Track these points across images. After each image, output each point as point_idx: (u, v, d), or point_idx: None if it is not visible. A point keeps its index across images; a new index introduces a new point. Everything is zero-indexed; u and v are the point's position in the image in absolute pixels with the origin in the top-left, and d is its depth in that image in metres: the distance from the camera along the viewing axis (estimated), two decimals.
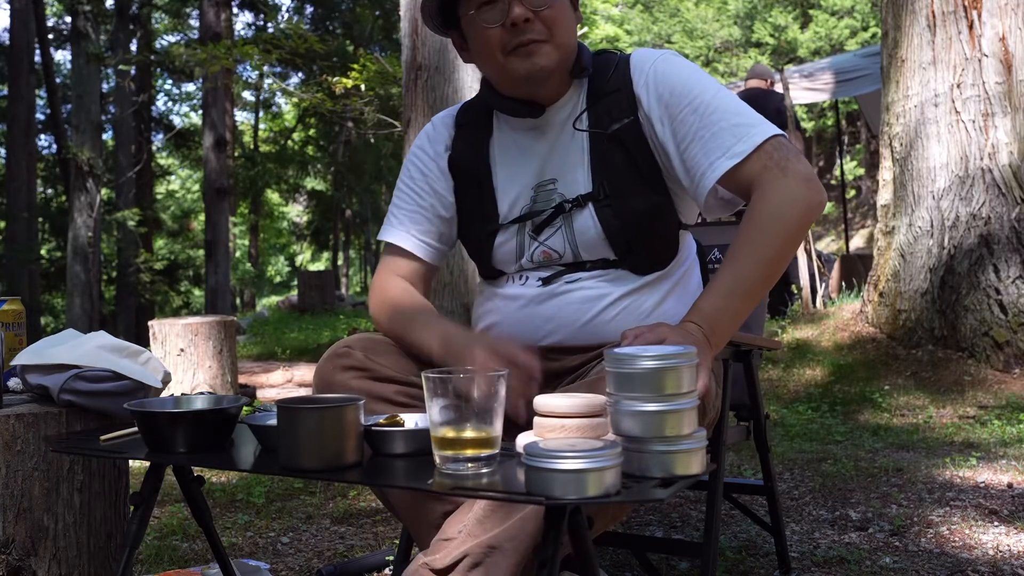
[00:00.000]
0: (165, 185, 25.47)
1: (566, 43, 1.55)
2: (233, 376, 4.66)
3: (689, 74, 1.55)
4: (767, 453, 2.02)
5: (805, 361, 5.03)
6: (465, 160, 1.67)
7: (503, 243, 1.63)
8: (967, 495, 2.68)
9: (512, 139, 1.65)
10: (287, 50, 10.10)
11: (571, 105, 1.61)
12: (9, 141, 14.65)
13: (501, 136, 1.66)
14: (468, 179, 1.67)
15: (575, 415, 1.15)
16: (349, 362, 1.52)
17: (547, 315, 1.58)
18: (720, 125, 1.49)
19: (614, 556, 2.22)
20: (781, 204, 1.43)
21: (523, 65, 1.53)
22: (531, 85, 1.57)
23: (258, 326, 11.90)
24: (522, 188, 1.62)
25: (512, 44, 1.52)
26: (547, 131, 1.62)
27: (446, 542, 1.25)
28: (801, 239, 1.48)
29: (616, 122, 1.56)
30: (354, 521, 2.62)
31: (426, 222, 1.71)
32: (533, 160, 1.62)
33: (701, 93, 1.52)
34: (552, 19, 1.52)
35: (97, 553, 1.62)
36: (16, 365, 1.64)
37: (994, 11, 4.80)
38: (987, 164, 4.74)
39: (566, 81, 1.60)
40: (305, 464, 1.16)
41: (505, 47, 1.53)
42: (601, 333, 1.55)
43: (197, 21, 17.86)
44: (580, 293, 1.57)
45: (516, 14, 1.50)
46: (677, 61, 1.59)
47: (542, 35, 1.52)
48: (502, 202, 1.63)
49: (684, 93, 1.53)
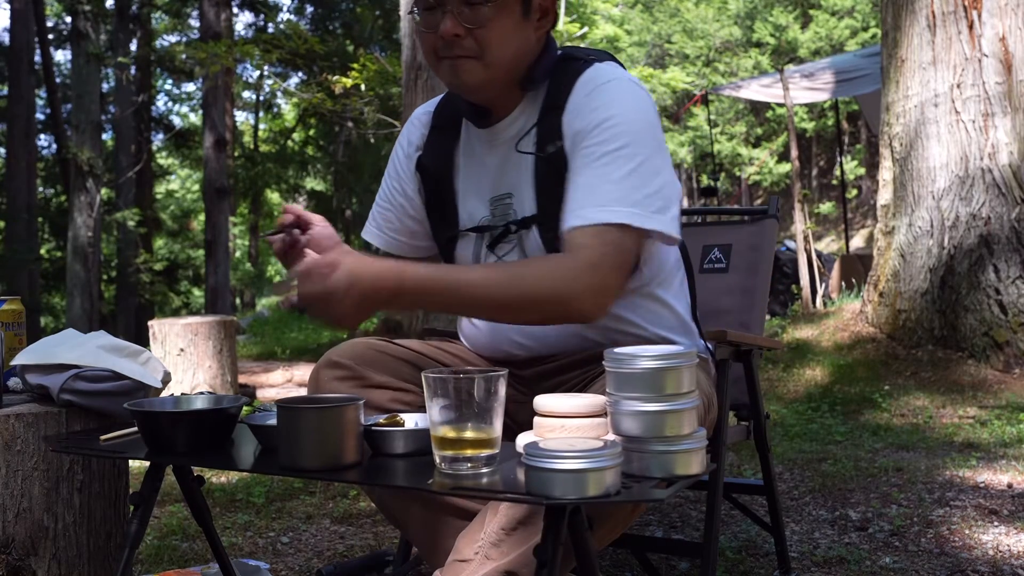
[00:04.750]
0: (165, 185, 25.47)
1: (501, 60, 1.46)
2: (233, 376, 4.66)
3: (609, 116, 1.41)
4: (767, 453, 2.02)
5: (805, 361, 5.02)
6: (430, 162, 1.64)
7: (462, 251, 1.60)
8: (967, 495, 2.67)
9: (473, 146, 1.61)
10: (287, 50, 10.10)
11: (523, 119, 1.53)
12: (9, 141, 14.66)
13: (467, 141, 1.62)
14: (432, 182, 1.64)
15: (575, 415, 1.15)
16: (342, 373, 1.52)
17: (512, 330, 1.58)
18: (589, 180, 1.39)
19: (614, 556, 2.22)
20: (555, 277, 1.34)
21: (448, 77, 1.49)
22: (462, 95, 1.54)
23: (258, 326, 11.91)
24: (479, 199, 1.58)
25: (442, 53, 1.47)
26: (498, 144, 1.56)
27: (463, 564, 1.25)
28: (533, 317, 1.40)
29: (551, 144, 1.47)
30: (354, 521, 2.62)
31: (397, 220, 1.70)
32: (488, 172, 1.57)
33: (605, 142, 1.40)
34: (485, 38, 1.43)
35: (97, 553, 1.62)
36: (16, 365, 1.64)
37: (994, 11, 4.80)
38: (987, 164, 4.74)
39: (515, 93, 1.52)
40: (305, 464, 1.16)
41: (437, 53, 1.48)
42: (571, 344, 1.55)
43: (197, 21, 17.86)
44: None
45: (444, 29, 1.43)
46: (613, 94, 1.45)
47: (471, 51, 1.45)
48: (462, 209, 1.60)
49: (594, 132, 1.41)
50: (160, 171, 23.29)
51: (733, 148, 20.52)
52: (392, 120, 9.44)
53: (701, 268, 2.20)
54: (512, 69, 1.49)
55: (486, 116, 1.55)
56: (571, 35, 10.98)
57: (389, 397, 1.52)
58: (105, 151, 16.70)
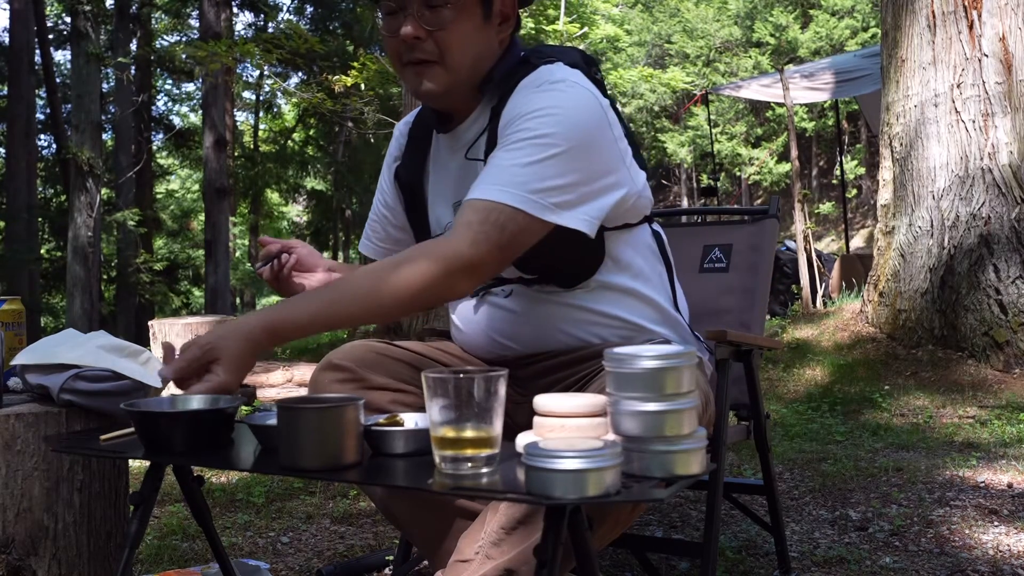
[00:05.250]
0: (165, 185, 25.46)
1: (462, 64, 1.46)
2: None
3: (539, 108, 1.39)
4: (767, 453, 2.02)
5: (805, 361, 5.02)
6: (405, 172, 1.67)
7: None
8: (967, 495, 2.68)
9: (441, 153, 1.63)
10: (287, 50, 10.10)
11: (478, 124, 1.54)
12: (9, 141, 14.65)
13: (437, 149, 1.64)
14: (407, 191, 1.68)
15: (575, 415, 1.15)
16: (342, 376, 1.53)
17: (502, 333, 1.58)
18: (495, 162, 1.38)
19: (614, 556, 2.22)
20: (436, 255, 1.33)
21: (412, 84, 1.50)
22: (426, 102, 1.55)
23: None
24: (445, 204, 1.61)
25: (405, 59, 1.47)
26: (457, 150, 1.57)
27: (464, 564, 1.25)
28: (415, 307, 1.35)
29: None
30: (354, 521, 2.62)
31: (383, 231, 1.76)
32: (451, 177, 1.59)
33: (527, 129, 1.38)
34: (446, 40, 1.43)
35: (97, 553, 1.62)
36: (16, 365, 1.64)
37: (994, 11, 4.80)
38: (987, 164, 4.74)
39: (475, 97, 1.52)
40: (305, 464, 1.16)
41: (401, 58, 1.49)
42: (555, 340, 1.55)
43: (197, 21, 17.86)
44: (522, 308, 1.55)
45: (405, 32, 1.43)
46: (551, 93, 1.41)
47: (432, 55, 1.45)
48: (431, 215, 1.64)
49: (518, 123, 1.40)
50: (160, 171, 23.28)
51: (733, 148, 20.53)
52: (392, 120, 9.44)
53: (701, 268, 2.20)
54: (472, 74, 1.49)
55: (447, 121, 1.57)
56: (571, 35, 10.98)
57: (389, 399, 1.52)
58: (105, 151, 16.69)
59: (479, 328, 1.61)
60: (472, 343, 1.65)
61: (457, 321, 1.67)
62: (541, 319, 1.54)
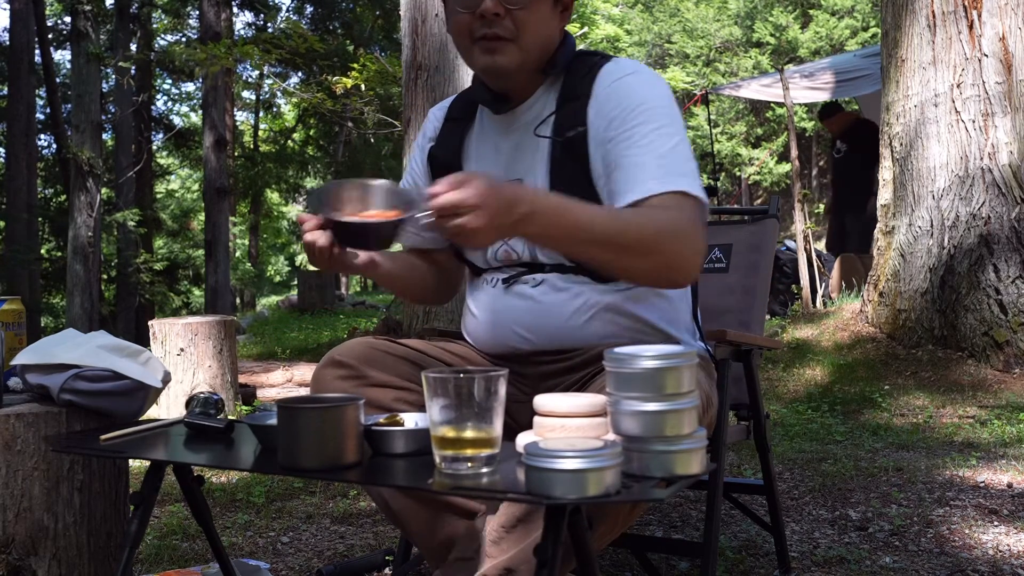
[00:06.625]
0: (165, 185, 25.45)
1: (534, 45, 1.52)
2: (233, 376, 4.66)
3: (643, 100, 1.49)
4: (767, 453, 2.02)
5: (805, 361, 5.02)
6: (441, 152, 1.70)
7: None
8: (967, 495, 2.68)
9: (487, 133, 1.66)
10: (287, 50, 10.10)
11: (539, 105, 1.59)
12: (9, 141, 14.64)
13: (480, 129, 1.67)
14: (442, 171, 1.66)
15: (575, 415, 1.15)
16: (344, 372, 1.53)
17: (520, 323, 1.58)
18: (640, 159, 1.44)
19: (614, 556, 2.22)
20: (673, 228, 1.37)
21: (483, 59, 1.52)
22: (491, 79, 1.57)
23: (258, 326, 11.91)
24: None
25: (478, 34, 1.50)
26: (514, 129, 1.61)
27: (463, 562, 1.26)
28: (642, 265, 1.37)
29: (571, 129, 1.53)
30: (354, 521, 2.62)
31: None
32: (501, 157, 1.62)
33: (642, 124, 1.46)
34: (523, 19, 1.49)
35: (97, 553, 1.62)
36: (16, 365, 1.64)
37: (994, 11, 4.80)
38: (987, 164, 4.74)
39: (536, 80, 1.58)
40: (305, 464, 1.16)
41: (472, 34, 1.51)
42: (576, 339, 1.55)
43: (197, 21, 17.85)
44: (548, 299, 1.56)
45: (486, 7, 1.47)
46: (642, 83, 1.52)
47: (509, 33, 1.49)
48: None
49: (628, 119, 1.48)
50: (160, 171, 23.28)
51: (733, 148, 20.51)
52: (392, 120, 9.44)
53: (701, 268, 2.20)
54: (539, 56, 1.55)
55: (504, 103, 1.59)
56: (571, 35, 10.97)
57: (391, 396, 1.52)
58: (105, 151, 16.68)
59: (499, 317, 1.60)
60: (486, 333, 1.64)
61: (475, 309, 1.67)
62: (567, 313, 1.55)
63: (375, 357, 1.55)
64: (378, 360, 1.55)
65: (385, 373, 1.54)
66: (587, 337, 1.54)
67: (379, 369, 1.54)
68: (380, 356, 1.56)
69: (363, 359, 1.54)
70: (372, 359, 1.55)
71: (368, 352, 1.56)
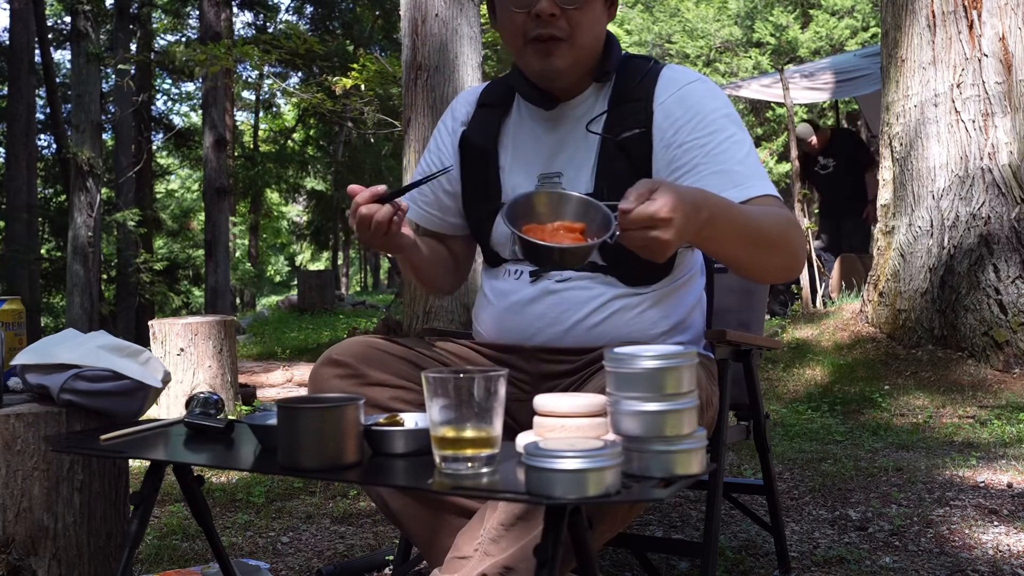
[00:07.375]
0: (165, 185, 25.45)
1: (588, 45, 1.55)
2: (233, 376, 4.66)
3: (714, 109, 1.53)
4: (767, 453, 2.02)
5: (805, 361, 5.02)
6: (476, 137, 1.69)
7: (501, 226, 1.63)
8: (967, 495, 2.68)
9: (527, 123, 1.66)
10: (287, 50, 10.09)
11: (588, 104, 1.60)
12: (9, 141, 14.64)
13: (518, 118, 1.67)
14: (476, 155, 1.68)
15: (575, 415, 1.15)
16: (342, 371, 1.53)
17: (536, 313, 1.58)
18: (721, 167, 1.48)
19: (614, 556, 2.22)
20: (790, 223, 1.44)
21: (538, 60, 1.54)
22: (543, 81, 1.57)
23: (258, 326, 11.91)
24: (527, 175, 1.62)
25: (533, 34, 1.51)
26: (560, 125, 1.61)
27: (462, 561, 1.25)
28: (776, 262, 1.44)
29: (627, 130, 1.55)
30: (354, 521, 2.62)
31: (432, 194, 1.74)
32: (542, 149, 1.62)
33: (716, 133, 1.50)
34: (578, 19, 1.51)
35: (97, 553, 1.62)
36: (16, 365, 1.64)
37: (994, 11, 4.80)
38: (987, 164, 4.74)
39: (585, 80, 1.60)
40: (305, 464, 1.16)
41: (527, 34, 1.52)
42: (588, 338, 1.56)
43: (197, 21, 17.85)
44: (570, 294, 1.56)
45: (542, 7, 1.49)
46: (708, 92, 1.57)
47: (563, 33, 1.51)
48: (506, 182, 1.64)
49: (699, 126, 1.51)
50: (160, 171, 23.28)
51: None
52: (392, 120, 9.43)
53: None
54: (591, 55, 1.57)
55: (552, 101, 1.60)
56: None
57: (389, 395, 1.52)
58: (105, 151, 16.68)
59: (519, 306, 1.60)
60: (501, 320, 1.64)
61: (492, 296, 1.66)
62: (588, 310, 1.55)
63: (372, 356, 1.55)
64: (375, 359, 1.55)
65: (383, 372, 1.54)
66: (602, 336, 1.55)
67: (376, 368, 1.54)
68: (377, 355, 1.56)
69: (361, 358, 1.54)
70: (369, 358, 1.55)
71: (365, 351, 1.56)
